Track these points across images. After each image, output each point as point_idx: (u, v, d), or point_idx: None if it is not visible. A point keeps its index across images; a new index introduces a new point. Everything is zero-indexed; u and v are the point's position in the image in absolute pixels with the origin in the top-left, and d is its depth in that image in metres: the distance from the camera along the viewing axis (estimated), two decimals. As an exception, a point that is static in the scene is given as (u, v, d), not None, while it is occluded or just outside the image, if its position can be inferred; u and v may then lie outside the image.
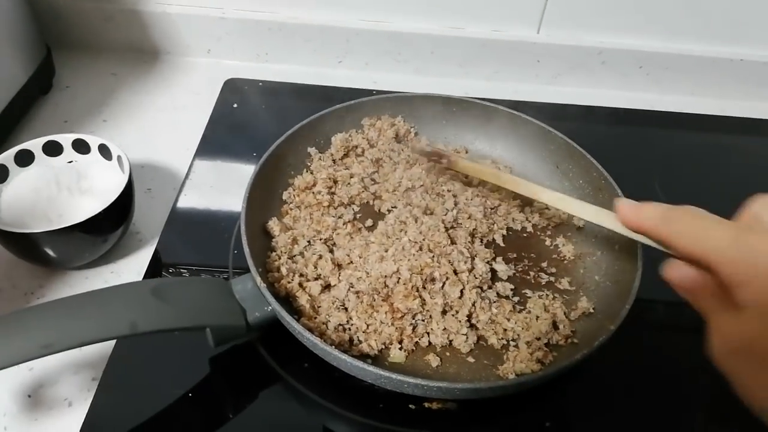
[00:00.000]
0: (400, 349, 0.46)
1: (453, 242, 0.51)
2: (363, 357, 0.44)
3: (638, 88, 0.77)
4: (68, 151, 0.54)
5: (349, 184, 0.57)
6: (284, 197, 0.56)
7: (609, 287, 0.50)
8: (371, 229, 0.54)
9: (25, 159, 0.52)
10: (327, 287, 0.49)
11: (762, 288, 0.27)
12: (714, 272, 0.29)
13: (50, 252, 0.48)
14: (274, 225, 0.52)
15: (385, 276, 0.48)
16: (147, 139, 0.65)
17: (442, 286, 0.48)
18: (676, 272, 0.32)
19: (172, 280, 0.42)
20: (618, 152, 0.68)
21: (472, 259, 0.51)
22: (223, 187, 0.60)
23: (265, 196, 0.54)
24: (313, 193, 0.56)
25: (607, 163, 0.55)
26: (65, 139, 0.53)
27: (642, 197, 0.61)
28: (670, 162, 0.68)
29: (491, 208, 0.56)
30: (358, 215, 0.55)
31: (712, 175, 0.67)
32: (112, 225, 0.50)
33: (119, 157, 0.52)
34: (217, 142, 0.65)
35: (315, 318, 0.46)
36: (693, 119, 0.74)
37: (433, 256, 0.49)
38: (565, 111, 0.72)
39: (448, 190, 0.57)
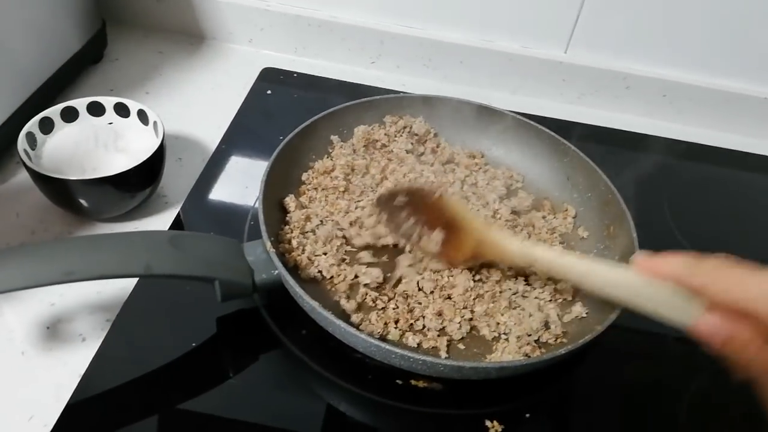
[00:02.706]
0: (396, 328, 0.48)
1: None
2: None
3: (660, 116, 0.78)
4: (110, 113, 0.58)
5: (364, 174, 0.60)
6: (303, 178, 0.59)
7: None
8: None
9: (70, 115, 0.56)
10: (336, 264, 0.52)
11: None
12: (760, 322, 0.28)
13: (82, 200, 0.51)
14: (290, 201, 0.55)
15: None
16: (184, 113, 0.69)
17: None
18: (710, 326, 0.30)
19: (189, 233, 0.45)
20: (631, 175, 0.69)
21: None
22: (247, 163, 0.64)
23: (285, 174, 0.57)
24: (331, 177, 0.59)
25: (619, 183, 0.57)
26: (108, 102, 0.57)
27: (650, 221, 0.63)
28: (683, 191, 0.69)
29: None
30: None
31: (724, 210, 0.68)
32: (140, 183, 0.54)
33: (155, 123, 0.56)
34: (248, 122, 0.69)
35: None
36: (711, 152, 0.75)
37: None
38: (584, 130, 0.74)
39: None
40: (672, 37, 0.73)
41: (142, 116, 0.57)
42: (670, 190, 0.68)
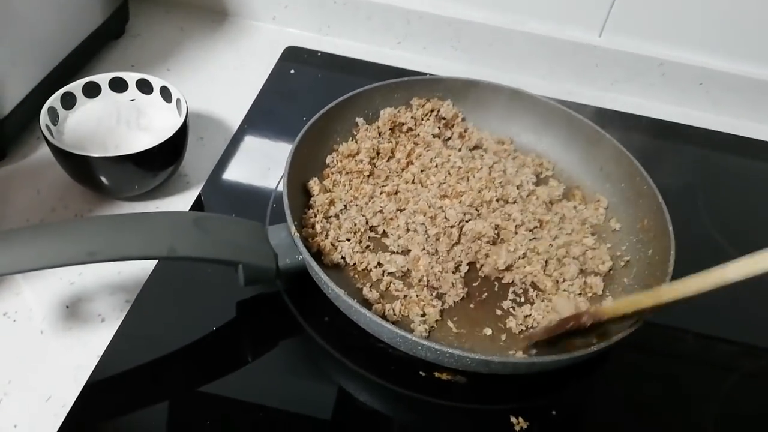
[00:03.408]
0: (423, 322, 0.47)
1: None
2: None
3: (696, 105, 0.75)
4: (132, 90, 0.57)
5: (390, 158, 0.58)
6: (327, 161, 0.57)
7: (637, 290, 0.49)
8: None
9: (92, 91, 0.55)
10: (360, 252, 0.51)
11: None
12: None
13: (103, 178, 0.50)
14: (314, 185, 0.54)
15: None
16: (206, 91, 0.68)
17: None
18: None
19: (214, 215, 0.44)
20: (665, 165, 0.67)
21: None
22: (270, 145, 0.62)
23: (309, 156, 0.55)
24: (356, 161, 0.57)
25: (652, 173, 0.55)
26: (131, 78, 0.56)
27: (683, 213, 0.61)
28: (717, 182, 0.67)
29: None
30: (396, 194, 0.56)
31: (760, 203, 0.66)
32: (162, 161, 0.53)
33: (178, 100, 0.55)
34: (271, 102, 0.67)
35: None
36: (747, 143, 0.72)
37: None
38: (618, 118, 0.71)
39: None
40: (710, 23, 0.70)
41: (165, 93, 0.56)
42: (705, 182, 0.66)
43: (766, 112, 0.75)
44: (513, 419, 0.43)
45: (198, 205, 0.55)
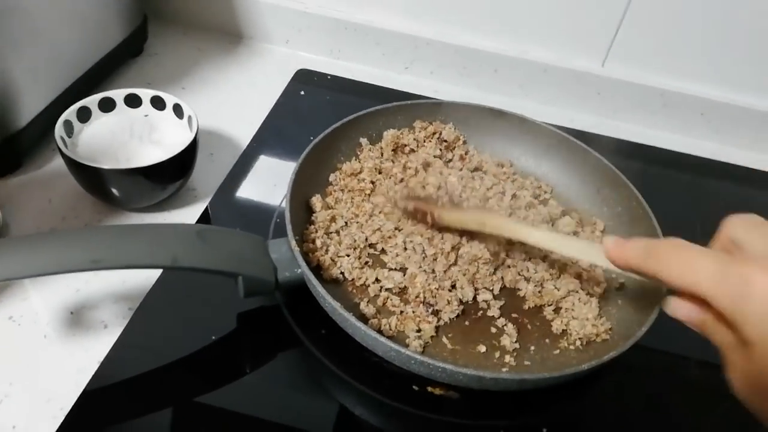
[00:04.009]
0: (418, 337, 0.47)
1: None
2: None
3: (697, 135, 0.76)
4: (146, 105, 0.59)
5: (391, 177, 0.60)
6: (330, 179, 0.59)
7: (630, 312, 0.50)
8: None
9: (107, 105, 0.58)
10: (359, 267, 0.52)
11: (760, 323, 0.27)
12: (710, 305, 0.29)
13: (114, 189, 0.52)
14: (316, 201, 0.56)
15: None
16: (218, 110, 0.70)
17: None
18: (678, 310, 0.31)
19: (217, 228, 0.46)
20: (664, 192, 0.68)
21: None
22: (277, 162, 0.64)
23: (313, 174, 0.57)
24: (358, 179, 0.59)
25: (651, 201, 0.55)
26: (145, 94, 0.58)
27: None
28: (717, 211, 0.67)
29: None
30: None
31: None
32: (172, 175, 0.55)
33: (190, 117, 0.57)
34: (280, 122, 0.69)
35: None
36: (748, 174, 0.73)
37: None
38: (619, 145, 0.73)
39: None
40: (711, 54, 0.72)
41: (178, 110, 0.58)
42: (703, 210, 0.66)
43: (766, 142, 0.76)
44: (504, 436, 0.43)
45: (205, 218, 0.57)
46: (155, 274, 0.51)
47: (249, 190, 0.61)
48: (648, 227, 0.53)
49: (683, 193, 0.69)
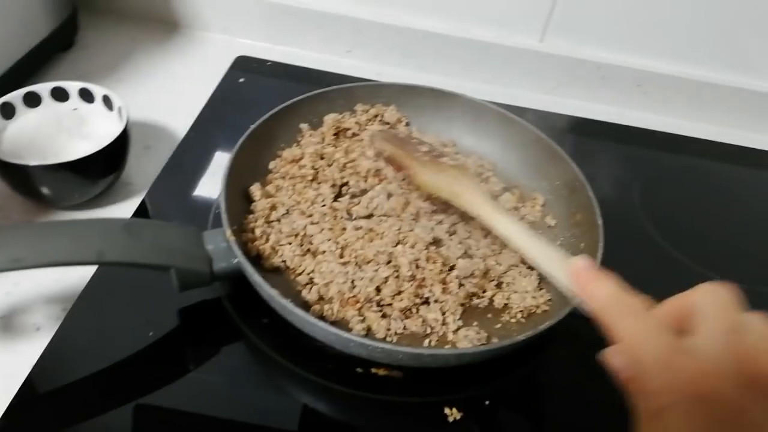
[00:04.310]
0: (361, 321, 0.47)
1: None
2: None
3: (635, 106, 0.78)
4: (74, 99, 0.57)
5: (332, 164, 0.59)
6: (270, 166, 0.58)
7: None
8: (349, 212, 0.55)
9: (32, 100, 0.55)
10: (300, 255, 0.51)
11: (678, 415, 0.27)
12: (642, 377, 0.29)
13: (42, 187, 0.51)
14: (255, 190, 0.55)
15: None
16: (155, 101, 0.68)
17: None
18: (615, 360, 0.30)
19: (146, 221, 0.45)
20: (604, 164, 0.69)
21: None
22: (215, 152, 0.63)
23: (251, 162, 0.56)
24: (299, 165, 0.58)
25: (590, 172, 0.56)
26: (72, 87, 0.56)
27: (620, 209, 0.63)
28: (654, 180, 0.69)
29: None
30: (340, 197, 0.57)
31: (696, 199, 0.68)
32: (103, 169, 0.53)
33: (120, 108, 0.55)
34: (219, 111, 0.68)
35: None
36: (684, 142, 0.75)
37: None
38: (559, 119, 0.74)
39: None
40: (646, 26, 0.73)
41: (108, 102, 0.57)
42: (642, 180, 0.68)
43: (702, 111, 0.78)
44: (447, 410, 0.44)
45: (142, 212, 0.56)
46: (89, 272, 0.49)
47: (187, 182, 0.59)
48: (584, 199, 0.54)
49: (622, 162, 0.71)
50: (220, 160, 0.62)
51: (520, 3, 0.73)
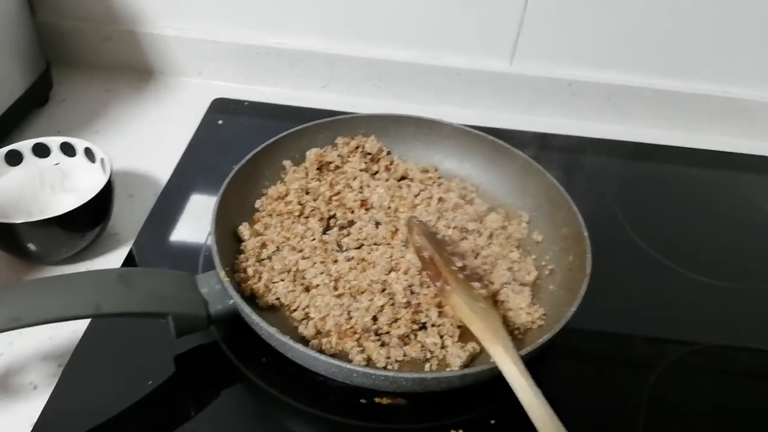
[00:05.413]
0: (360, 352, 0.47)
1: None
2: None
3: (606, 119, 0.80)
4: (56, 153, 0.57)
5: (317, 198, 0.60)
6: (257, 205, 0.59)
7: (562, 296, 0.52)
8: (340, 244, 0.56)
9: (14, 158, 0.55)
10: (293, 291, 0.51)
11: None
12: None
13: (29, 244, 0.50)
14: (244, 230, 0.55)
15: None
16: (134, 149, 0.68)
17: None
18: None
19: (139, 269, 0.45)
20: (581, 177, 0.71)
21: None
22: (200, 196, 0.63)
23: (238, 202, 0.56)
24: (285, 202, 0.58)
25: (571, 187, 0.58)
26: (53, 142, 0.57)
27: (602, 220, 0.65)
28: (632, 189, 0.71)
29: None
30: (329, 230, 0.57)
31: (670, 204, 0.71)
32: (89, 222, 0.53)
33: (102, 160, 0.55)
34: (200, 154, 0.68)
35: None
36: (655, 151, 0.77)
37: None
38: (536, 138, 0.75)
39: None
40: (610, 42, 0.76)
41: (89, 154, 0.57)
42: (620, 189, 0.70)
43: (670, 119, 0.80)
44: (453, 432, 0.44)
45: (130, 262, 0.55)
46: (82, 326, 0.49)
47: (174, 227, 0.59)
48: (568, 212, 0.56)
49: (599, 174, 0.73)
50: (205, 203, 0.62)
51: (488, 28, 0.75)
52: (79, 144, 0.57)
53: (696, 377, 0.52)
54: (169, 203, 0.62)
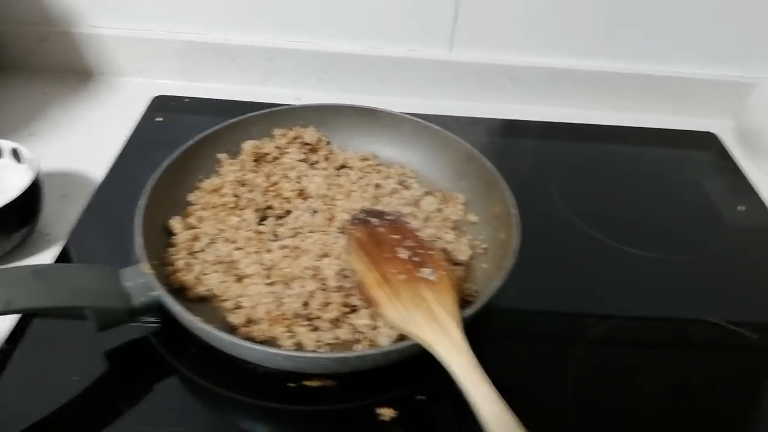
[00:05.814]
0: (291, 337, 0.47)
1: None
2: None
3: (546, 102, 0.81)
4: (-19, 156, 0.56)
5: (253, 190, 0.60)
6: (190, 199, 0.58)
7: (491, 273, 0.52)
8: (276, 234, 0.56)
9: (-64, 162, 0.54)
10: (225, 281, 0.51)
11: None
12: None
13: (-49, 247, 0.49)
14: (175, 223, 0.55)
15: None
16: (70, 150, 0.68)
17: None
18: None
19: (56, 265, 0.44)
20: (522, 159, 0.72)
21: None
22: (135, 193, 0.62)
23: (169, 196, 0.56)
24: (219, 194, 0.58)
25: (507, 168, 0.58)
26: (-23, 144, 0.56)
27: (540, 199, 0.65)
28: (569, 168, 0.72)
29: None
30: (263, 221, 0.57)
31: (605, 181, 0.72)
32: (15, 222, 0.52)
33: (29, 160, 0.54)
34: (137, 152, 0.68)
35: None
36: (592, 129, 0.78)
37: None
38: (478, 124, 0.76)
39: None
40: (546, 27, 0.77)
41: (16, 155, 0.56)
42: (559, 169, 0.71)
43: (604, 99, 0.81)
44: (378, 410, 0.44)
45: (64, 260, 0.54)
46: (5, 326, 0.48)
47: (107, 225, 0.59)
48: (500, 191, 0.56)
49: (539, 156, 0.74)
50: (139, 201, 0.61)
51: (425, 17, 0.76)
52: (6, 145, 0.56)
53: (622, 349, 0.53)
54: (103, 202, 0.61)
